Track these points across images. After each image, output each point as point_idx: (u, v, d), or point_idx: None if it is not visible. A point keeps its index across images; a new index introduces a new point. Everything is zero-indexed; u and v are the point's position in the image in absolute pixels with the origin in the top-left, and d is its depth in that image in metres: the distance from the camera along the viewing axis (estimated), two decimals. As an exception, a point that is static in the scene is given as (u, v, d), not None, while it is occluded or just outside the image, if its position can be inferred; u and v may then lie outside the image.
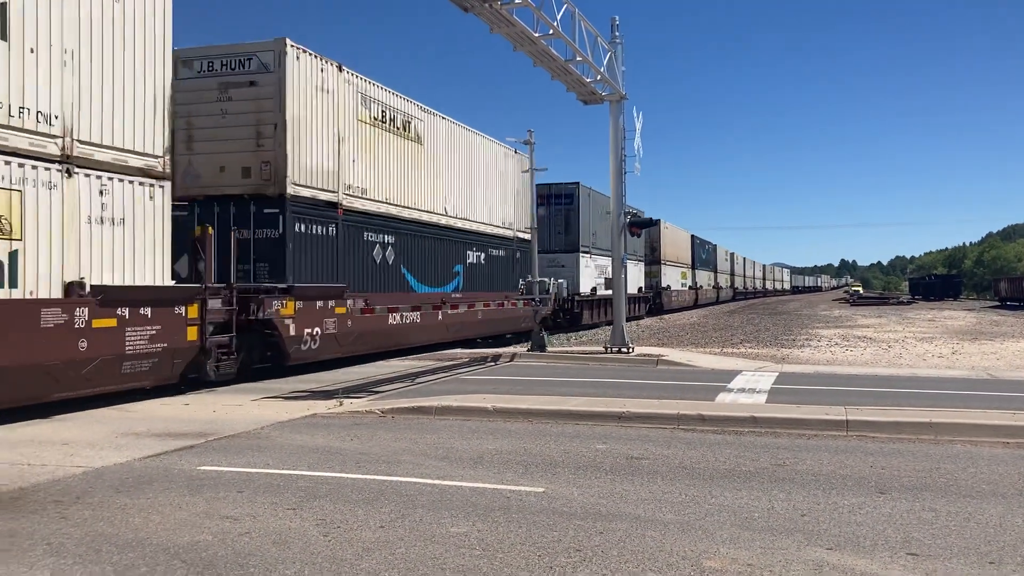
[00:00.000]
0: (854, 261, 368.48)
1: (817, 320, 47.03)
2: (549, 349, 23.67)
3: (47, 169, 12.51)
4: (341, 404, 13.61)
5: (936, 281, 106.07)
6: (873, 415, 11.54)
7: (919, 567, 5.81)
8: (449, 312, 23.48)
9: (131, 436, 10.95)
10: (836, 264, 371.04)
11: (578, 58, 19.95)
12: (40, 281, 12.35)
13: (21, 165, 12.10)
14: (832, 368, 19.39)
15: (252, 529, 6.69)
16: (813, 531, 6.63)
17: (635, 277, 46.01)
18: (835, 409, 12.02)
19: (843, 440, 10.64)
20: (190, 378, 15.52)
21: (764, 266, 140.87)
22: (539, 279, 24.28)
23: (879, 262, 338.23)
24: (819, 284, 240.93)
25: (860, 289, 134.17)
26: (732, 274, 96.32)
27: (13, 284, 11.95)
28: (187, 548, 6.20)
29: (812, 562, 5.89)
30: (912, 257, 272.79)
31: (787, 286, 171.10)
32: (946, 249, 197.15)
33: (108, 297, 13.25)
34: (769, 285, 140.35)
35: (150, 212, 14.37)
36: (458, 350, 24.47)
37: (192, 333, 15.06)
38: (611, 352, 22.21)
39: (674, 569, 5.75)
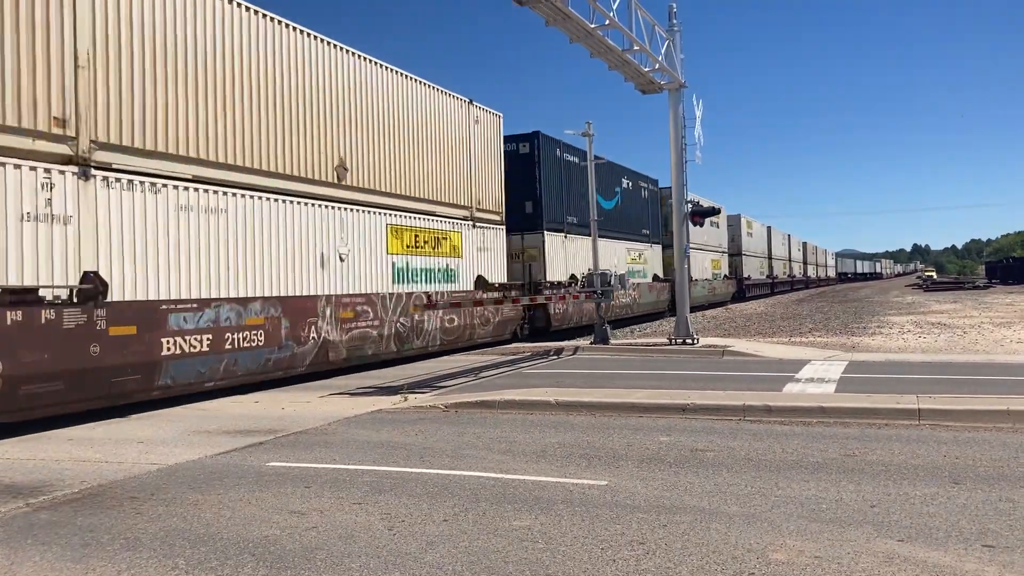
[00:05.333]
0: (927, 246, 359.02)
1: (889, 307, 45.85)
2: (612, 342, 23.56)
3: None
4: (405, 399, 13.77)
5: (1015, 264, 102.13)
6: (947, 403, 11.21)
7: (995, 559, 5.63)
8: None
9: (203, 434, 11.25)
10: (908, 249, 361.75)
11: (635, 48, 19.78)
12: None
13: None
14: (904, 356, 18.89)
15: (319, 524, 6.81)
16: (883, 522, 6.48)
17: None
18: (907, 397, 11.72)
19: (915, 429, 10.37)
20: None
21: (805, 244, 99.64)
22: (601, 271, 24.16)
23: (953, 246, 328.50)
24: (878, 270, 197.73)
25: (933, 274, 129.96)
26: (739, 254, 60.31)
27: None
28: (257, 543, 6.34)
29: (882, 554, 5.76)
30: (988, 240, 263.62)
31: (831, 272, 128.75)
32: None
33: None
34: (811, 272, 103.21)
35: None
36: (521, 344, 24.52)
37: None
38: (675, 343, 22.01)
39: (739, 562, 5.68)
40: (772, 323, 33.72)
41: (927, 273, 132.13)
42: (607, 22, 18.04)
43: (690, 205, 23.66)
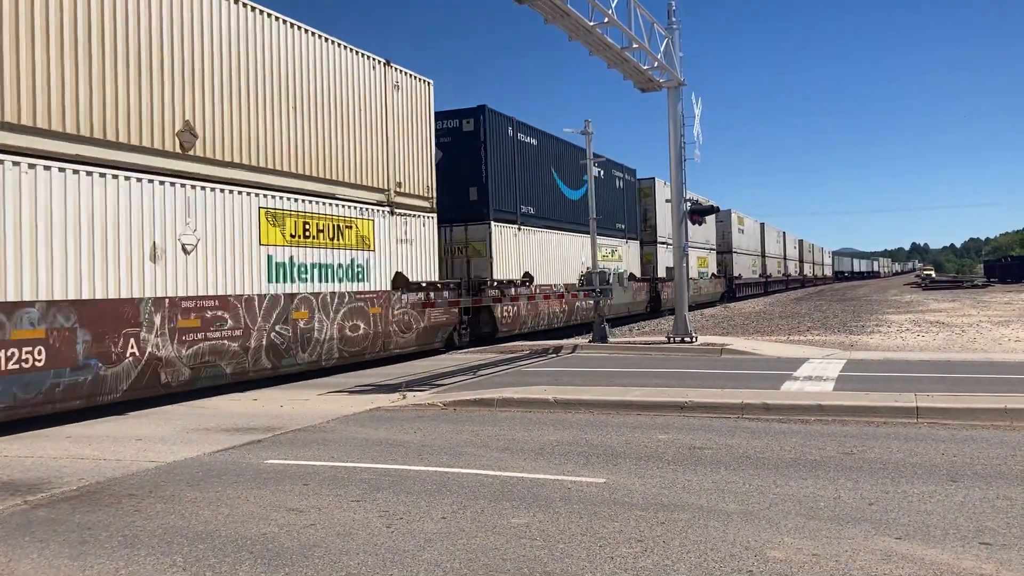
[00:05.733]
0: (926, 244, 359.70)
1: (888, 305, 45.87)
2: (611, 340, 23.57)
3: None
4: (404, 397, 13.78)
5: (1013, 263, 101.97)
6: (945, 401, 11.23)
7: (992, 557, 5.63)
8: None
9: (202, 431, 11.25)
10: (907, 248, 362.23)
11: (634, 45, 19.78)
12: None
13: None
14: (903, 354, 18.90)
15: (317, 521, 6.81)
16: (881, 520, 6.48)
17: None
18: (905, 396, 11.73)
19: (913, 427, 10.38)
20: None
21: (801, 241, 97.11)
22: (599, 269, 24.16)
23: (952, 245, 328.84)
24: (875, 269, 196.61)
25: (932, 273, 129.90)
26: (729, 251, 57.11)
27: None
28: (255, 540, 6.34)
29: (880, 552, 5.76)
30: (987, 239, 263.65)
31: (828, 271, 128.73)
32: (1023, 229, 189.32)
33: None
34: (808, 271, 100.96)
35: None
36: (520, 342, 24.53)
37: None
38: (674, 342, 22.02)
39: (737, 559, 5.68)
40: (770, 321, 33.74)
41: (926, 272, 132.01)
42: (606, 20, 18.03)
43: (689, 203, 23.66)
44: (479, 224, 24.92)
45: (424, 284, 20.98)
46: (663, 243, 41.70)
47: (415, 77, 21.50)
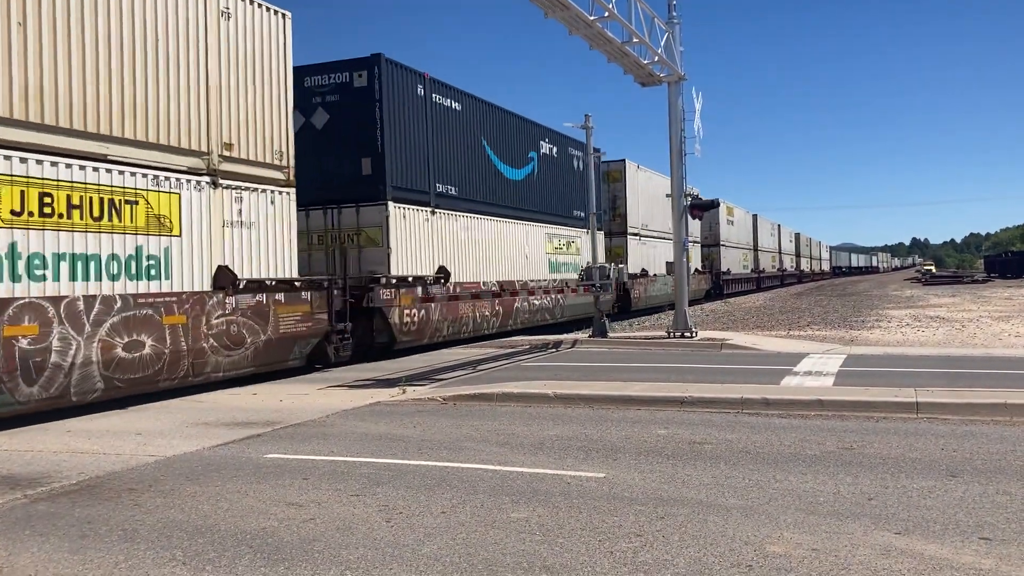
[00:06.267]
0: (926, 240, 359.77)
1: (888, 300, 45.86)
2: (610, 335, 23.57)
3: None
4: (404, 392, 13.78)
5: (1014, 258, 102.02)
6: (944, 396, 11.22)
7: (992, 552, 5.63)
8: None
9: (201, 426, 11.25)
10: (907, 243, 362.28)
11: (634, 40, 19.74)
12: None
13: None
14: (903, 349, 18.91)
15: (317, 515, 6.81)
16: (880, 515, 6.48)
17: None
18: (905, 391, 11.72)
19: (913, 423, 10.37)
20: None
21: (797, 235, 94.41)
22: (599, 264, 24.14)
23: (952, 240, 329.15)
24: (874, 264, 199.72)
25: (932, 268, 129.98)
26: (716, 244, 52.99)
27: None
28: (254, 534, 6.34)
29: (879, 546, 5.76)
30: (987, 234, 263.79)
31: (826, 266, 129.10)
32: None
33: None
34: (805, 266, 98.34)
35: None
36: (520, 337, 24.53)
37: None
38: (674, 337, 22.02)
39: (736, 554, 5.68)
40: (771, 317, 33.74)
41: (926, 267, 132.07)
42: (606, 14, 18.01)
43: (690, 198, 23.64)
44: (373, 205, 19.92)
45: (269, 282, 15.89)
46: (635, 235, 37.62)
47: (258, 4, 16.05)
